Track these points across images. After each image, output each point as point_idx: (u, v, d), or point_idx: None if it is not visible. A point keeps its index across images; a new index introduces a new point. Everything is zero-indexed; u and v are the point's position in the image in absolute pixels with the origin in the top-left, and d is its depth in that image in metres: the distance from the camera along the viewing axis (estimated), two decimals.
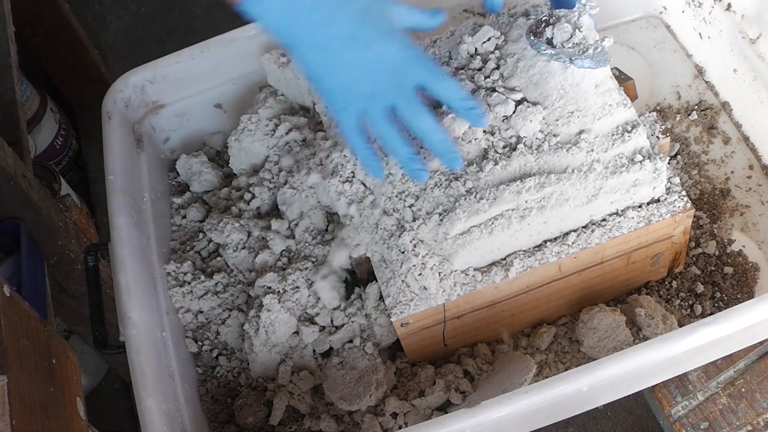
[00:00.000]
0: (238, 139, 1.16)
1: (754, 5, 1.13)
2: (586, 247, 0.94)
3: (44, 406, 0.94)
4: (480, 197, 0.92)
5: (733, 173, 1.16)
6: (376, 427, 0.98)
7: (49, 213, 1.26)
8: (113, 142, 1.14)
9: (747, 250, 1.08)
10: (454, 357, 1.04)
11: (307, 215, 1.08)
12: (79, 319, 1.40)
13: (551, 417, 0.94)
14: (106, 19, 2.41)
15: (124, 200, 1.08)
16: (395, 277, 0.95)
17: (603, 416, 1.66)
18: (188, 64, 1.21)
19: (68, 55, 1.96)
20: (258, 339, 1.02)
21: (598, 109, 0.94)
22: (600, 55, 0.91)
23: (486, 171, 0.93)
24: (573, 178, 0.92)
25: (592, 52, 0.91)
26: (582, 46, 0.92)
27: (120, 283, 1.01)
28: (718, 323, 0.86)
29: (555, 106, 0.94)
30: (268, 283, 1.05)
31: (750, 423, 0.98)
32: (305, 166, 1.08)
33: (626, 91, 0.98)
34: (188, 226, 1.19)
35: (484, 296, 0.95)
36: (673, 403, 1.01)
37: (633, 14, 1.33)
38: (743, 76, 1.17)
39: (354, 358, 1.01)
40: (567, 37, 0.92)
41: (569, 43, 0.92)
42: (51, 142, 1.89)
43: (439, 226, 0.93)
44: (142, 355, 0.96)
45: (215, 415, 1.04)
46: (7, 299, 0.96)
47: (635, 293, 1.05)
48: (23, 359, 0.93)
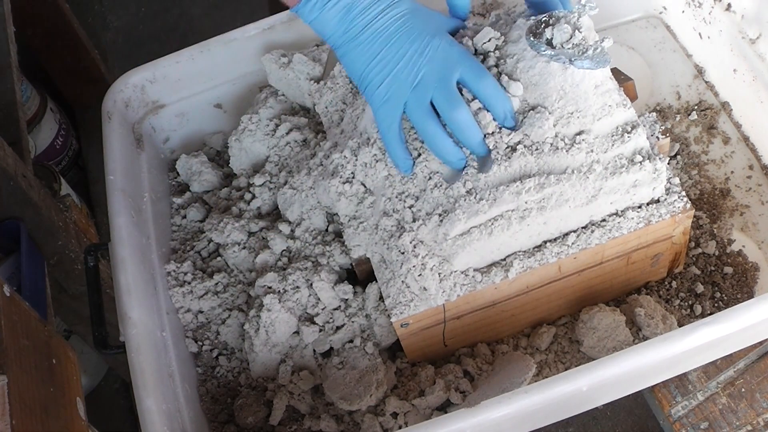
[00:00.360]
0: (239, 139, 1.16)
1: (754, 5, 1.13)
2: (585, 248, 0.94)
3: (44, 406, 0.94)
4: (480, 198, 0.92)
5: (733, 173, 1.16)
6: (376, 427, 0.98)
7: (49, 213, 1.26)
8: (113, 142, 1.14)
9: (747, 250, 1.08)
10: (454, 357, 1.04)
11: (307, 215, 1.08)
12: (79, 319, 1.40)
13: (551, 417, 0.94)
14: (106, 19, 2.41)
15: (124, 200, 1.08)
16: (395, 278, 0.95)
17: (603, 416, 1.66)
18: (188, 64, 1.21)
19: (68, 55, 1.96)
20: (258, 339, 1.02)
21: (598, 110, 0.94)
22: (600, 56, 0.91)
23: (486, 172, 0.93)
24: (573, 178, 0.92)
25: (591, 53, 0.91)
26: (582, 46, 0.92)
27: (120, 283, 1.01)
28: (718, 323, 0.86)
29: (555, 107, 0.94)
30: (269, 283, 1.05)
31: (750, 423, 0.98)
32: (305, 166, 1.08)
33: (626, 91, 0.98)
34: (188, 226, 1.19)
35: (484, 297, 0.95)
36: (673, 403, 1.01)
37: (633, 14, 1.33)
38: (743, 76, 1.17)
39: (354, 358, 1.01)
40: (567, 37, 0.92)
41: (569, 44, 0.92)
42: (51, 142, 1.89)
43: (439, 227, 0.93)
44: (142, 355, 0.96)
45: (215, 415, 1.04)
46: (7, 299, 0.96)
47: (635, 293, 1.05)
48: (23, 359, 0.93)
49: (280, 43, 1.21)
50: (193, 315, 1.09)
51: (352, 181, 1.01)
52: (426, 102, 0.91)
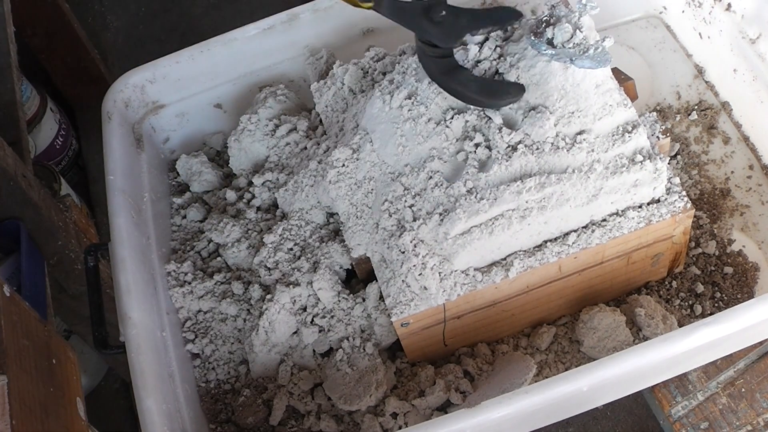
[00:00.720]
0: (238, 139, 1.16)
1: (754, 5, 1.13)
2: (586, 247, 0.94)
3: (44, 406, 0.94)
4: (480, 197, 0.92)
5: (733, 173, 1.16)
6: (376, 427, 0.98)
7: (49, 213, 1.26)
8: (113, 142, 1.14)
9: (747, 250, 1.08)
10: (454, 357, 1.04)
11: (308, 215, 1.08)
12: (79, 319, 1.40)
13: (551, 417, 0.94)
14: (106, 19, 2.41)
15: (124, 200, 1.08)
16: (395, 277, 0.95)
17: (603, 416, 1.66)
18: (188, 64, 1.21)
19: (68, 55, 1.96)
20: (258, 339, 1.02)
21: (599, 109, 0.94)
22: (600, 56, 0.91)
23: (487, 171, 0.93)
24: (573, 178, 0.92)
25: (592, 53, 0.91)
26: (582, 46, 0.92)
27: (120, 283, 1.01)
28: (718, 323, 0.86)
29: (556, 106, 0.94)
30: (269, 283, 1.05)
31: (750, 423, 0.98)
32: (305, 165, 1.08)
33: (626, 91, 0.98)
34: (188, 226, 1.19)
35: (484, 296, 0.95)
36: (673, 403, 1.01)
37: (633, 14, 1.33)
38: (743, 76, 1.17)
39: (354, 358, 1.01)
40: (567, 37, 0.92)
41: (570, 44, 0.92)
42: (51, 142, 1.89)
43: (440, 226, 0.93)
44: (142, 355, 0.96)
45: (215, 415, 1.04)
46: (7, 299, 0.96)
47: (635, 293, 1.05)
48: (23, 359, 0.93)
49: (280, 42, 1.22)
50: (193, 315, 1.09)
51: (351, 181, 1.01)
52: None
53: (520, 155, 0.93)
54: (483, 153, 0.95)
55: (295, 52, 1.23)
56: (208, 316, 1.09)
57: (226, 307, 1.08)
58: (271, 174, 1.13)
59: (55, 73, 2.01)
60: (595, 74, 0.94)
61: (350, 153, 1.01)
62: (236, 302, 1.08)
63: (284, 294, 1.03)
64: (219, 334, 1.08)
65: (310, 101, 1.19)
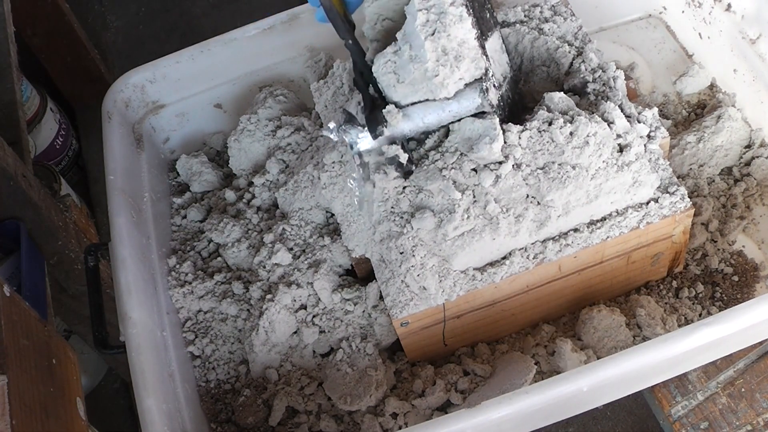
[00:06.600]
0: (238, 139, 1.16)
1: (754, 5, 1.13)
2: (586, 247, 0.94)
3: (44, 406, 0.94)
4: (479, 198, 0.92)
5: None
6: (376, 427, 0.98)
7: (49, 213, 1.26)
8: (113, 142, 1.14)
9: (747, 250, 1.08)
10: (454, 357, 1.04)
11: (307, 215, 1.08)
12: (79, 319, 1.40)
13: (551, 417, 0.94)
14: (106, 19, 2.41)
15: (124, 200, 1.08)
16: (395, 277, 0.95)
17: (603, 416, 1.66)
18: (188, 64, 1.21)
19: (68, 55, 1.96)
20: (258, 339, 1.02)
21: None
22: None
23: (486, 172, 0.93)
24: (573, 178, 0.92)
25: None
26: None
27: (120, 283, 1.01)
28: (718, 323, 0.86)
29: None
30: (269, 283, 1.05)
31: (750, 423, 0.98)
32: (305, 165, 1.08)
33: (626, 91, 0.98)
34: (188, 226, 1.19)
35: (484, 296, 0.95)
36: (673, 403, 1.01)
37: (633, 14, 1.33)
38: (743, 76, 1.17)
39: (354, 358, 1.01)
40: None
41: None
42: (51, 142, 1.89)
43: (439, 228, 0.93)
44: (142, 355, 0.96)
45: (215, 415, 1.04)
46: (7, 299, 0.96)
47: (635, 293, 1.05)
48: (23, 359, 0.93)
49: (280, 42, 1.22)
50: (193, 315, 1.09)
51: (351, 181, 1.01)
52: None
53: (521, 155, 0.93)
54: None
55: (295, 52, 1.23)
56: (208, 316, 1.09)
57: (227, 307, 1.08)
58: (270, 174, 1.13)
59: (55, 73, 2.01)
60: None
61: (339, 156, 1.01)
62: (236, 302, 1.08)
63: (284, 294, 1.03)
64: (219, 334, 1.08)
65: (310, 101, 1.19)
